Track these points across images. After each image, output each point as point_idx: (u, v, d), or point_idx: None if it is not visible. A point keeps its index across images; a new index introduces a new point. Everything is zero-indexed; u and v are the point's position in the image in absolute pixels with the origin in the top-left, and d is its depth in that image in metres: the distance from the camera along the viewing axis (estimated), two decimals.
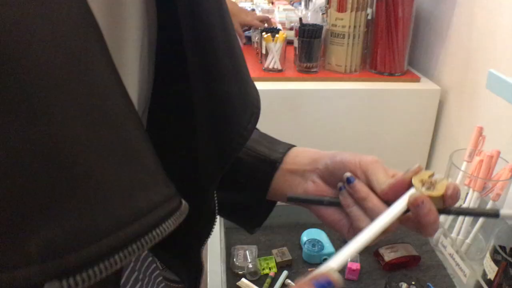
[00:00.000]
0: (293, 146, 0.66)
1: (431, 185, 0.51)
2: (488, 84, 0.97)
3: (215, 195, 0.55)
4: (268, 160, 0.63)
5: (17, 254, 0.24)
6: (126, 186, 0.29)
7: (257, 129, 0.67)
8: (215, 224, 0.58)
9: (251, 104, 0.51)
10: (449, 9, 1.49)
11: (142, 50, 0.42)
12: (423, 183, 0.52)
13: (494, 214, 0.52)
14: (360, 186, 0.54)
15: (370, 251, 1.06)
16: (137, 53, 0.40)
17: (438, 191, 0.50)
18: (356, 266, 0.97)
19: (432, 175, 0.53)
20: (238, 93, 0.48)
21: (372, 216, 0.52)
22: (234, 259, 1.01)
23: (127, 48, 0.38)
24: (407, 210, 0.51)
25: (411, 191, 0.52)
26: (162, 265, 0.63)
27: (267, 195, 0.64)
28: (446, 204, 0.51)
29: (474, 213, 0.58)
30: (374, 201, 0.53)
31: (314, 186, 0.60)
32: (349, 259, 0.48)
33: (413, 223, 0.52)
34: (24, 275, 0.24)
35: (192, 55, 0.41)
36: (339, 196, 0.56)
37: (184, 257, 0.58)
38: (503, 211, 0.51)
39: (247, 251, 1.02)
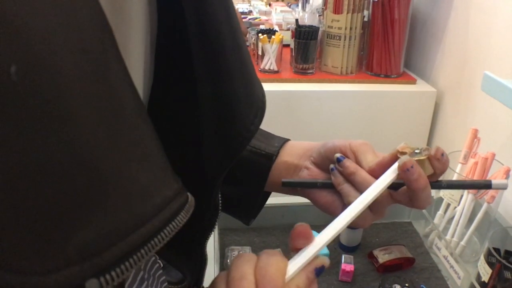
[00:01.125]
0: (288, 140, 0.69)
1: (417, 154, 0.53)
2: (483, 86, 0.97)
3: (219, 191, 0.56)
4: (264, 154, 0.66)
5: (58, 258, 0.26)
6: (144, 184, 0.31)
7: None
8: (218, 218, 0.58)
9: (257, 99, 0.51)
10: (445, 12, 1.49)
11: (145, 49, 0.42)
12: (409, 154, 0.53)
13: (486, 185, 0.54)
14: (348, 163, 0.57)
15: (364, 253, 1.06)
16: (141, 53, 0.41)
17: (424, 156, 0.52)
18: (350, 268, 0.97)
19: (415, 148, 0.54)
20: (244, 89, 0.48)
21: (362, 190, 0.54)
22: (228, 260, 1.00)
23: (132, 47, 0.39)
24: (397, 185, 0.53)
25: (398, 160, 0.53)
26: (162, 264, 0.63)
27: (265, 187, 0.67)
28: (435, 169, 0.53)
29: (466, 185, 0.60)
30: (362, 174, 0.55)
31: (308, 172, 0.63)
32: (339, 233, 0.49)
33: (404, 196, 0.54)
34: (67, 276, 0.26)
35: (198, 53, 0.42)
36: (331, 177, 0.59)
37: (189, 251, 0.59)
38: (495, 181, 0.54)
39: (240, 252, 1.02)
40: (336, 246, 1.08)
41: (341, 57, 1.56)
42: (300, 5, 2.26)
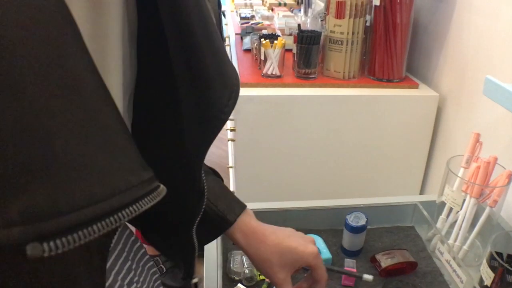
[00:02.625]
0: (245, 207, 0.75)
1: None
2: (485, 91, 0.97)
3: (203, 175, 0.59)
4: (225, 218, 0.72)
5: (0, 217, 0.27)
6: (102, 166, 0.33)
7: (221, 179, 0.78)
8: (204, 204, 0.61)
9: (230, 82, 0.53)
10: (447, 16, 1.50)
11: (124, 39, 0.45)
12: None
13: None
14: None
15: (366, 257, 1.06)
16: (119, 42, 0.43)
17: None
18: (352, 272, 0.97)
19: None
20: (217, 72, 0.51)
21: None
22: (231, 265, 1.01)
23: (109, 37, 0.41)
24: None
25: None
26: (161, 270, 0.66)
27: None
28: None
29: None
30: None
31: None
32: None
33: None
34: (7, 235, 0.27)
35: (172, 40, 0.44)
36: None
37: (177, 237, 0.63)
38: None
39: (243, 257, 1.02)
40: (339, 251, 1.08)
41: (343, 61, 1.57)
42: (302, 10, 2.27)
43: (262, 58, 1.60)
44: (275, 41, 1.55)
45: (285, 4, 3.04)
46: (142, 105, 0.53)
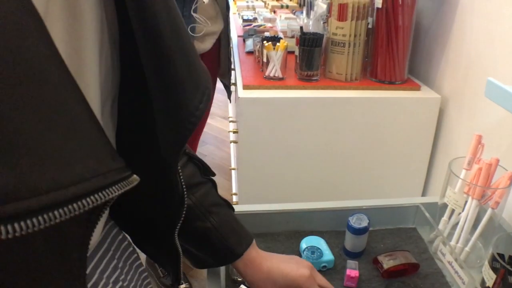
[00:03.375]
0: (252, 240, 0.81)
1: None
2: (487, 93, 0.98)
3: (182, 179, 0.59)
4: (234, 252, 0.78)
5: None
6: (64, 152, 0.33)
7: (233, 209, 0.82)
8: (185, 208, 0.62)
9: (201, 85, 0.53)
10: (448, 18, 1.50)
11: (103, 43, 0.45)
12: None
13: None
14: None
15: (369, 259, 1.06)
16: (96, 47, 0.43)
17: None
18: (355, 273, 0.98)
19: None
20: (187, 74, 0.51)
21: None
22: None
23: (86, 42, 0.41)
24: None
25: None
26: (163, 273, 0.67)
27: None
28: None
29: None
30: None
31: None
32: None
33: None
34: None
35: (140, 42, 0.44)
36: None
37: (163, 243, 0.64)
38: None
39: None
40: (341, 252, 1.08)
41: (345, 64, 1.57)
42: (304, 12, 2.28)
43: (265, 60, 1.60)
44: (278, 44, 1.56)
45: (287, 6, 3.05)
46: (126, 110, 0.53)
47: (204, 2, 1.55)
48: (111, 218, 0.61)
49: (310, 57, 1.55)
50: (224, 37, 1.77)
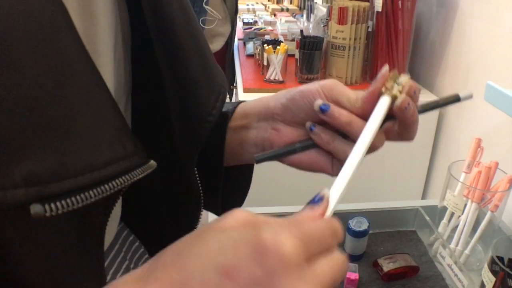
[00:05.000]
0: (242, 101, 0.63)
1: (398, 85, 0.50)
2: (486, 96, 0.98)
3: (199, 180, 0.56)
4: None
5: (5, 179, 0.30)
6: (96, 137, 0.36)
7: None
8: (202, 212, 0.59)
9: (217, 85, 0.53)
10: (448, 21, 1.51)
11: (116, 44, 0.46)
12: (391, 87, 0.50)
13: (456, 99, 0.54)
14: (339, 111, 0.50)
15: (369, 262, 1.06)
16: (110, 48, 0.44)
17: (406, 89, 0.49)
18: (355, 276, 0.98)
19: (397, 76, 0.50)
20: (203, 74, 0.51)
21: (356, 138, 0.50)
22: None
23: (100, 43, 0.42)
24: (387, 118, 0.50)
25: (383, 98, 0.49)
26: None
27: (225, 160, 0.60)
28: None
29: (438, 105, 0.57)
30: (358, 122, 0.50)
31: (277, 134, 0.55)
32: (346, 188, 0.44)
33: (395, 131, 0.52)
34: (11, 196, 0.30)
35: (156, 43, 0.45)
36: (312, 136, 0.52)
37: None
38: (462, 94, 0.54)
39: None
40: (342, 252, 1.09)
41: (345, 67, 1.58)
42: (304, 15, 2.28)
43: (265, 63, 1.61)
44: (278, 47, 1.57)
45: (287, 10, 3.06)
46: (139, 110, 0.53)
47: None
48: (122, 220, 0.61)
49: (310, 60, 1.56)
50: (230, 41, 1.79)
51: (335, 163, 0.52)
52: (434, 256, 1.08)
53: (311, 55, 1.55)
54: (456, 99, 0.53)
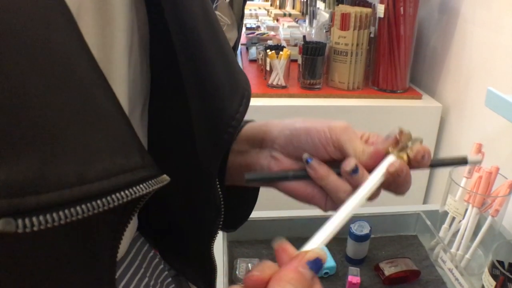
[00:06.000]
0: (250, 121, 0.61)
1: (406, 147, 0.50)
2: (487, 102, 0.99)
3: (219, 187, 0.54)
4: None
5: None
6: (90, 146, 0.32)
7: None
8: (222, 219, 0.56)
9: (241, 87, 0.51)
10: (450, 28, 1.52)
11: (133, 47, 0.44)
12: (401, 148, 0.50)
13: (463, 161, 0.52)
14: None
15: (370, 266, 1.07)
16: (126, 51, 0.42)
17: (414, 153, 0.49)
18: (356, 280, 0.99)
19: (410, 138, 0.50)
20: (226, 77, 0.48)
21: (331, 195, 0.50)
22: (237, 272, 1.02)
23: (116, 46, 0.40)
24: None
25: (389, 158, 0.49)
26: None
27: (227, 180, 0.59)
28: (412, 167, 0.50)
29: (443, 164, 0.55)
30: (334, 181, 0.50)
31: (276, 163, 0.54)
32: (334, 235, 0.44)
33: (389, 187, 0.51)
34: None
35: (178, 45, 0.43)
36: (307, 169, 0.51)
37: (198, 257, 0.59)
38: (470, 158, 0.52)
39: (249, 264, 1.04)
40: (343, 259, 1.10)
41: (347, 72, 1.59)
42: (307, 21, 2.30)
43: (268, 68, 1.62)
44: (281, 52, 1.58)
45: (290, 15, 3.07)
46: (159, 116, 0.51)
47: (226, 0, 1.57)
48: (138, 230, 0.57)
49: (313, 65, 1.57)
50: (236, 46, 1.80)
51: (329, 200, 0.52)
52: (435, 260, 1.09)
53: (313, 61, 1.56)
54: (463, 161, 0.52)
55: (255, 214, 0.76)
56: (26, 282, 0.32)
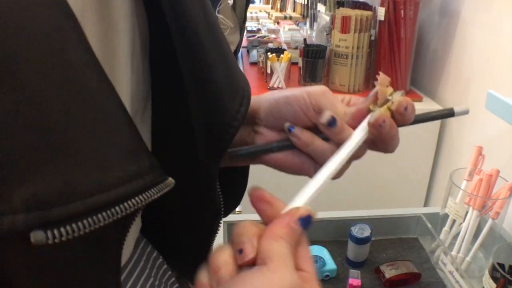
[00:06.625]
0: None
1: (387, 101, 0.49)
2: (487, 105, 0.99)
3: (219, 188, 0.54)
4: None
5: (3, 204, 0.27)
6: (106, 155, 0.33)
7: None
8: (222, 220, 0.57)
9: (241, 89, 0.51)
10: (450, 31, 1.52)
11: (135, 51, 0.44)
12: (382, 104, 0.49)
13: (449, 114, 0.51)
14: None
15: (371, 268, 1.07)
16: (128, 55, 0.42)
17: (395, 105, 0.48)
18: (357, 282, 0.99)
19: (392, 93, 0.49)
20: (226, 78, 0.48)
21: (318, 160, 0.50)
22: None
23: (119, 51, 0.40)
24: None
25: (372, 115, 0.48)
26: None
27: None
28: (396, 120, 0.49)
29: (429, 118, 0.54)
30: (321, 145, 0.50)
31: (260, 137, 0.55)
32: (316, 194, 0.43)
33: (375, 144, 0.50)
34: (11, 222, 0.28)
35: (179, 48, 0.43)
36: (290, 138, 0.51)
37: (196, 256, 0.58)
38: (457, 109, 0.51)
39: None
40: (344, 261, 1.10)
41: (348, 75, 1.59)
42: (307, 23, 2.30)
43: (269, 71, 1.62)
44: (281, 55, 1.58)
45: (290, 18, 3.08)
46: (159, 118, 0.51)
47: (229, 3, 1.57)
48: (143, 234, 0.58)
49: (314, 68, 1.57)
50: (238, 49, 1.81)
51: (319, 167, 0.51)
52: (436, 263, 1.09)
53: (314, 63, 1.57)
54: (450, 113, 0.52)
55: (256, 217, 0.76)
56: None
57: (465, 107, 0.52)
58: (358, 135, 0.48)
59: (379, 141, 0.49)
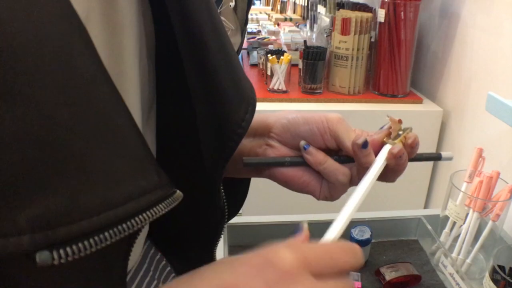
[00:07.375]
0: None
1: (398, 136, 0.56)
2: (487, 107, 0.99)
3: (223, 192, 0.55)
4: None
5: (9, 225, 0.27)
6: (114, 171, 0.32)
7: None
8: (225, 224, 0.58)
9: (247, 96, 0.52)
10: (450, 32, 1.52)
11: (141, 55, 0.44)
12: (395, 136, 0.55)
13: (437, 157, 0.59)
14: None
15: (371, 270, 1.07)
16: (135, 59, 0.42)
17: (409, 140, 0.55)
18: (357, 285, 0.99)
19: (401, 127, 0.57)
20: (232, 85, 0.49)
21: (330, 179, 0.54)
22: None
23: (126, 55, 0.40)
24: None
25: (386, 147, 0.55)
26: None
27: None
28: (409, 152, 0.55)
29: (420, 159, 0.60)
30: (332, 165, 0.54)
31: (272, 150, 0.57)
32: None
33: (385, 173, 0.55)
34: (16, 243, 0.27)
35: (185, 53, 0.43)
36: (305, 156, 0.54)
37: (200, 259, 0.58)
38: (444, 154, 0.58)
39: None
40: None
41: (348, 77, 1.59)
42: (308, 25, 2.30)
43: (269, 73, 1.62)
44: (282, 57, 1.58)
45: (290, 19, 3.08)
46: (165, 123, 0.51)
47: (230, 5, 1.58)
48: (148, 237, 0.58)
49: (314, 70, 1.57)
50: (239, 52, 1.81)
51: (324, 187, 0.55)
52: (436, 265, 1.09)
53: (314, 65, 1.57)
54: (438, 157, 0.59)
55: (256, 218, 0.76)
56: None
57: (450, 153, 0.60)
58: (379, 161, 0.53)
59: (392, 171, 0.54)
